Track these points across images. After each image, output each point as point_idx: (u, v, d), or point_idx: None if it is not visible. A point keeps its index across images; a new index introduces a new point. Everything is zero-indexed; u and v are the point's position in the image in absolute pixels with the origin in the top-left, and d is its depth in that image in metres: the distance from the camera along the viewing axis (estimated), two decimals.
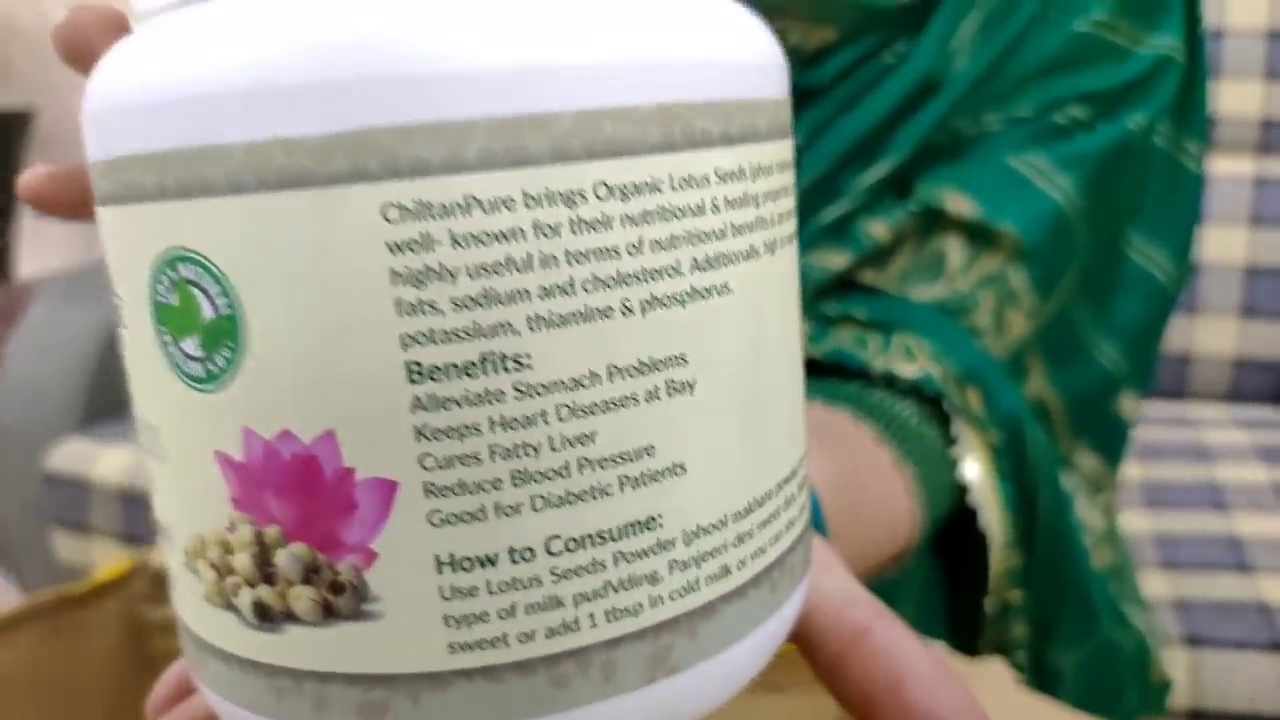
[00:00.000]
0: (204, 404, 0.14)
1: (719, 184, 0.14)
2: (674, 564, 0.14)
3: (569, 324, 0.13)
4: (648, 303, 0.13)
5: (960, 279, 0.43)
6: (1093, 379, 0.47)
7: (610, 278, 0.13)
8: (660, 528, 0.14)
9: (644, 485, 0.14)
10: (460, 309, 0.12)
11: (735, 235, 0.14)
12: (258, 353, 0.13)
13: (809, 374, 0.43)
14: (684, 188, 0.14)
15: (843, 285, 0.45)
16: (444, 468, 0.13)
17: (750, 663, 0.16)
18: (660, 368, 0.14)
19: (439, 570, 0.13)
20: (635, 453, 0.14)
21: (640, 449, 0.14)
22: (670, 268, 0.14)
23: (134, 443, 1.01)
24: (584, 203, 0.13)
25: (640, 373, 0.14)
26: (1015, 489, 0.42)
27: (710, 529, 0.15)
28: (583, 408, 0.13)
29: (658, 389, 0.14)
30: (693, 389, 0.14)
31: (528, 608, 0.13)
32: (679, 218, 0.14)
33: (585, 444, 0.13)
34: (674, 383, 0.14)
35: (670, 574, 0.14)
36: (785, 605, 0.16)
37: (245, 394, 0.13)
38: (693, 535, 0.14)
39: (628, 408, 0.14)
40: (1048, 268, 0.43)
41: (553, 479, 0.13)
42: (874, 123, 0.44)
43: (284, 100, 0.12)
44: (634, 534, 0.14)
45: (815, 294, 0.45)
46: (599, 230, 0.13)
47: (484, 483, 0.13)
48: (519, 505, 0.13)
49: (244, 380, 0.13)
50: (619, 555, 0.14)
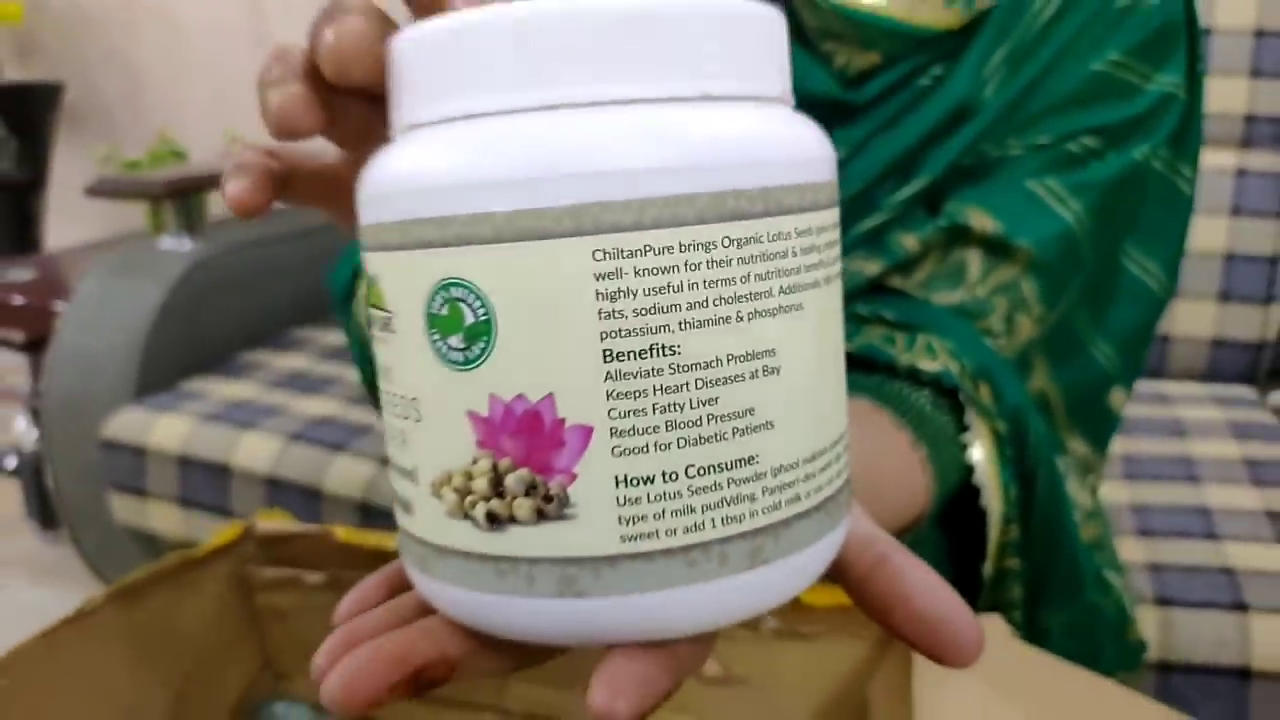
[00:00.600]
0: (461, 379, 0.20)
1: (797, 238, 0.21)
2: (765, 490, 0.20)
3: (704, 326, 0.19)
4: (752, 314, 0.20)
5: (979, 287, 0.50)
6: (1089, 375, 0.54)
7: (729, 297, 0.19)
8: (757, 464, 0.20)
9: (747, 435, 0.20)
10: (638, 315, 0.19)
11: (807, 271, 0.21)
12: (503, 345, 0.19)
13: None
14: (775, 240, 0.20)
15: (874, 288, 0.51)
16: (624, 417, 0.19)
17: (813, 565, 0.22)
18: (759, 357, 0.20)
19: (616, 486, 0.19)
20: (742, 412, 0.20)
21: (745, 410, 0.20)
22: (766, 292, 0.20)
23: (185, 413, 1.07)
24: (715, 249, 0.19)
25: (747, 360, 0.20)
26: (1015, 471, 0.49)
27: (788, 468, 0.21)
28: (710, 381, 0.19)
29: (757, 371, 0.20)
30: (779, 372, 0.20)
31: (672, 513, 0.20)
32: (772, 259, 0.20)
33: (711, 405, 0.19)
34: (767, 368, 0.20)
35: (763, 496, 0.20)
36: (836, 530, 0.22)
37: (493, 372, 0.19)
38: (777, 471, 0.20)
39: (739, 382, 0.20)
40: (1055, 280, 0.50)
41: (691, 427, 0.19)
42: (910, 144, 0.50)
43: (531, 185, 0.19)
44: (740, 467, 0.20)
45: (849, 296, 0.51)
46: (723, 267, 0.19)
47: (648, 428, 0.19)
48: (669, 444, 0.19)
49: (493, 363, 0.19)
50: (731, 480, 0.20)
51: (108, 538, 1.13)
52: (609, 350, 0.19)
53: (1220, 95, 1.17)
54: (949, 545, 0.52)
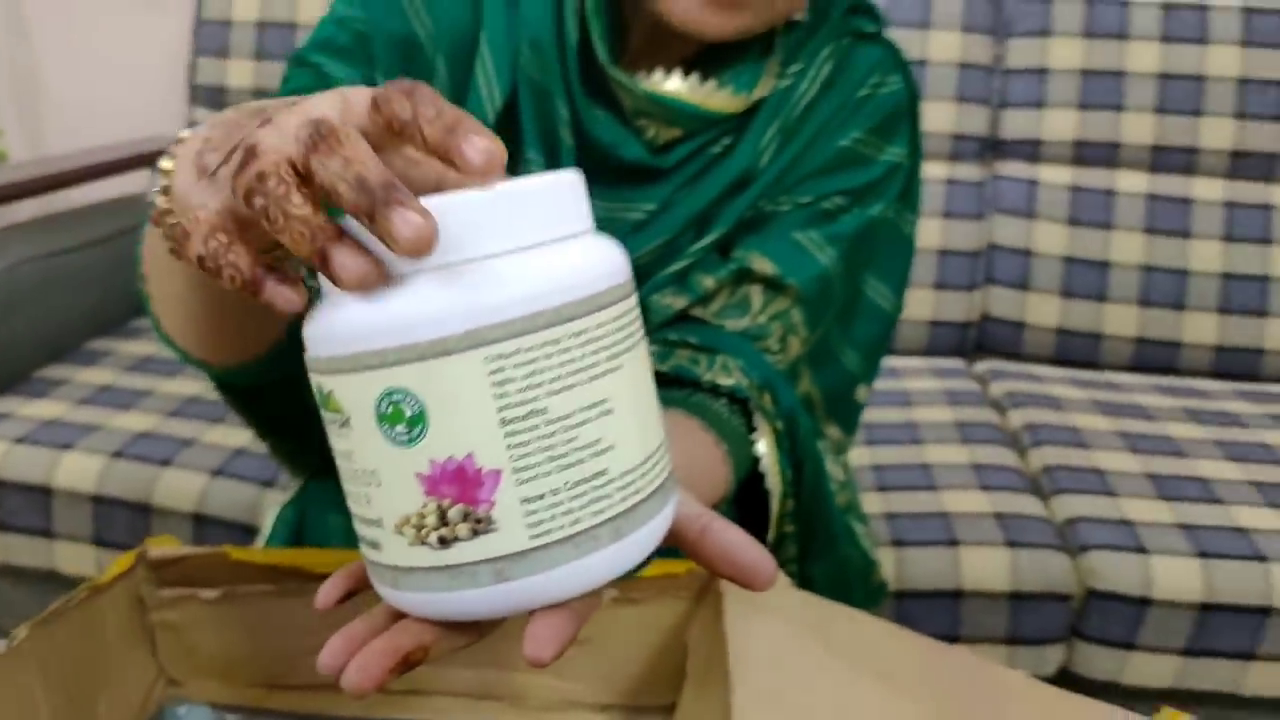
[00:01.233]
0: (408, 453, 0.27)
1: (612, 323, 0.28)
2: (616, 489, 0.28)
3: (562, 392, 0.27)
4: (590, 379, 0.28)
5: (760, 316, 0.63)
6: (841, 378, 0.69)
7: (575, 370, 0.27)
8: (608, 474, 0.28)
9: (599, 456, 0.28)
10: (519, 392, 0.27)
11: (622, 342, 0.29)
12: (434, 426, 0.27)
13: (657, 384, 0.61)
14: (600, 328, 0.28)
15: (680, 318, 0.64)
16: (520, 459, 0.27)
17: (657, 533, 0.30)
18: (599, 405, 0.28)
19: (522, 504, 0.27)
20: (594, 443, 0.28)
21: (595, 440, 0.28)
22: (596, 363, 0.28)
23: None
24: (562, 342, 0.27)
25: (591, 409, 0.28)
26: (790, 459, 0.63)
27: (629, 472, 0.29)
28: (570, 426, 0.27)
29: (599, 414, 0.28)
30: (614, 412, 0.28)
31: (560, 515, 0.27)
32: (599, 340, 0.28)
33: (573, 441, 0.27)
34: (605, 410, 0.28)
35: (616, 494, 0.28)
36: (668, 506, 0.31)
37: (430, 445, 0.27)
38: (622, 475, 0.28)
39: (589, 423, 0.28)
40: (816, 309, 0.64)
41: (562, 458, 0.27)
42: (706, 202, 0.63)
43: (439, 321, 0.26)
44: (598, 478, 0.28)
45: (660, 325, 0.63)
46: (569, 352, 0.27)
47: (536, 464, 0.27)
48: (550, 471, 0.27)
49: (428, 439, 0.27)
50: (593, 488, 0.28)
51: None
52: (504, 418, 0.27)
53: (935, 118, 1.36)
54: (741, 518, 0.65)
